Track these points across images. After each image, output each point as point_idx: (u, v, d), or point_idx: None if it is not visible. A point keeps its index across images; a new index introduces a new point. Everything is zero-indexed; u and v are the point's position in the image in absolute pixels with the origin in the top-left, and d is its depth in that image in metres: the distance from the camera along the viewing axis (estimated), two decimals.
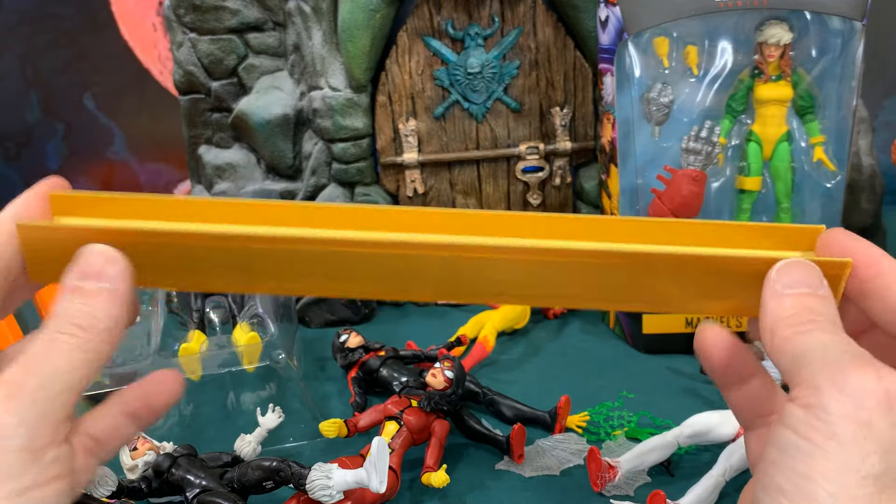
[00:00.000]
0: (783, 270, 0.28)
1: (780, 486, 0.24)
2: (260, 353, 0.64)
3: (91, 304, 0.27)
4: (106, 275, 0.28)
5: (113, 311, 0.27)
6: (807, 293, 0.28)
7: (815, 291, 0.28)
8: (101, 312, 0.27)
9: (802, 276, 0.28)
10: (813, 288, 0.28)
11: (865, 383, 0.24)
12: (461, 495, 0.56)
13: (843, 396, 0.24)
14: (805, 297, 0.28)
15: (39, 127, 1.26)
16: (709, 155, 0.71)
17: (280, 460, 0.51)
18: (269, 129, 0.89)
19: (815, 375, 0.25)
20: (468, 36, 0.84)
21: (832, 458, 0.24)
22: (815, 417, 0.24)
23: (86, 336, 0.27)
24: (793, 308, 0.27)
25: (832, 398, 0.24)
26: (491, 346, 0.75)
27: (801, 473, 0.24)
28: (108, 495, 0.51)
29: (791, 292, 0.28)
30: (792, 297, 0.28)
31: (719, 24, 0.69)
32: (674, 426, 0.58)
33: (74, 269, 0.28)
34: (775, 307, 0.28)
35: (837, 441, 0.24)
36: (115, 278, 0.28)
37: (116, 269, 0.28)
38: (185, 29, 0.89)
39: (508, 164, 0.88)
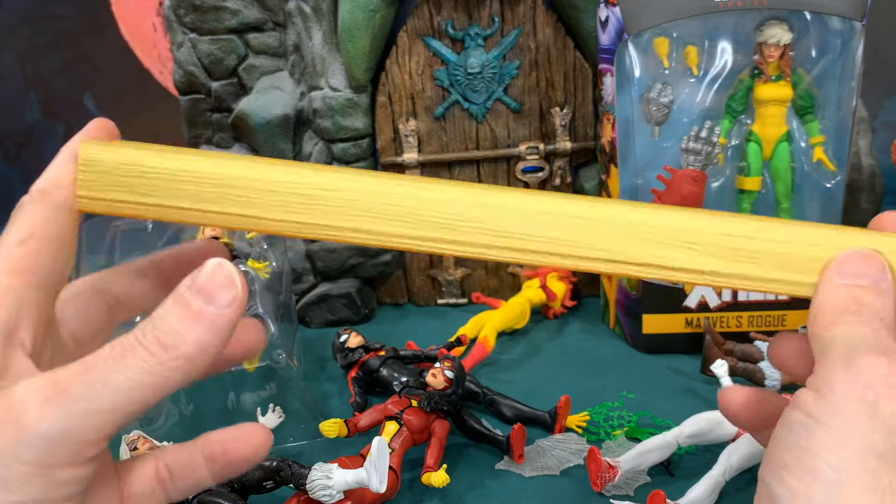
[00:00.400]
0: (844, 260, 0.28)
1: (784, 462, 0.25)
2: (260, 353, 0.64)
3: (187, 324, 0.24)
4: (218, 298, 0.25)
5: (206, 340, 0.24)
6: (862, 286, 0.27)
7: (873, 284, 0.27)
8: (193, 337, 0.24)
9: (862, 268, 0.27)
10: (872, 280, 0.27)
11: (875, 369, 0.24)
12: (461, 495, 0.56)
13: (850, 377, 0.24)
14: (858, 290, 0.27)
15: (39, 127, 1.26)
16: (709, 155, 0.71)
17: (280, 460, 0.52)
18: (270, 130, 0.89)
19: (832, 363, 0.25)
20: (468, 36, 0.84)
21: (835, 434, 0.24)
22: (822, 398, 0.25)
23: (162, 356, 0.24)
24: (842, 299, 0.27)
25: (840, 380, 0.25)
26: (491, 346, 0.75)
27: (804, 448, 0.24)
28: None
29: (845, 283, 0.27)
30: (845, 288, 0.27)
31: (719, 25, 0.70)
32: (674, 426, 0.58)
33: (191, 277, 0.25)
34: (825, 295, 0.27)
35: (841, 418, 0.24)
36: (226, 305, 0.25)
37: (232, 295, 0.25)
38: (186, 29, 0.89)
39: (508, 164, 0.88)
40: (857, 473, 0.23)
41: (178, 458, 0.29)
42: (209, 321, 0.24)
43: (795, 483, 0.24)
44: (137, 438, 0.54)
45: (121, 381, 0.23)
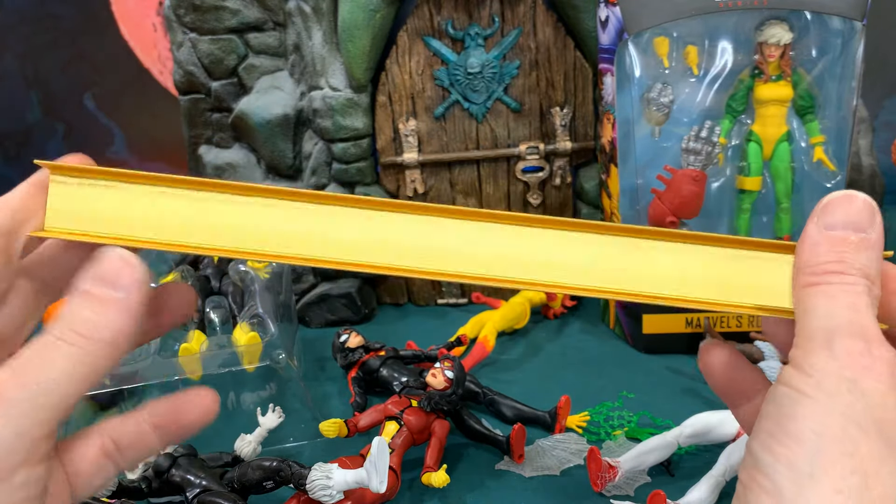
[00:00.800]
0: (830, 205, 0.26)
1: (769, 430, 0.26)
2: (260, 353, 0.64)
3: (99, 311, 0.25)
4: (120, 283, 0.26)
5: (120, 324, 0.25)
6: (847, 236, 0.26)
7: (860, 233, 0.26)
8: (105, 319, 0.25)
9: (849, 215, 0.26)
10: (859, 229, 0.26)
11: (852, 350, 0.25)
12: (461, 495, 0.56)
13: (829, 358, 0.25)
14: (843, 241, 0.26)
15: (39, 127, 1.26)
16: (709, 155, 0.71)
17: (280, 460, 0.51)
18: (269, 129, 0.89)
19: (810, 339, 0.26)
20: (468, 36, 0.84)
21: (818, 403, 0.25)
22: (805, 373, 0.25)
23: (86, 346, 0.25)
24: (825, 255, 0.26)
25: (820, 358, 0.25)
26: (491, 346, 0.75)
27: (788, 415, 0.25)
28: (109, 495, 0.51)
29: (830, 234, 0.26)
30: (828, 241, 0.26)
31: (719, 24, 0.69)
32: (674, 426, 0.58)
33: (89, 270, 0.26)
34: (807, 251, 0.27)
35: (823, 390, 0.25)
36: (130, 287, 0.26)
37: (132, 278, 0.26)
38: (186, 29, 0.89)
39: (508, 164, 0.88)
40: (838, 439, 0.24)
41: (124, 431, 0.29)
42: (119, 306, 0.25)
43: (779, 448, 0.25)
44: None
45: (53, 378, 0.24)
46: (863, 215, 0.26)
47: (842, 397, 0.25)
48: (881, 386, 0.25)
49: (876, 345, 0.25)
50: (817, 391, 0.25)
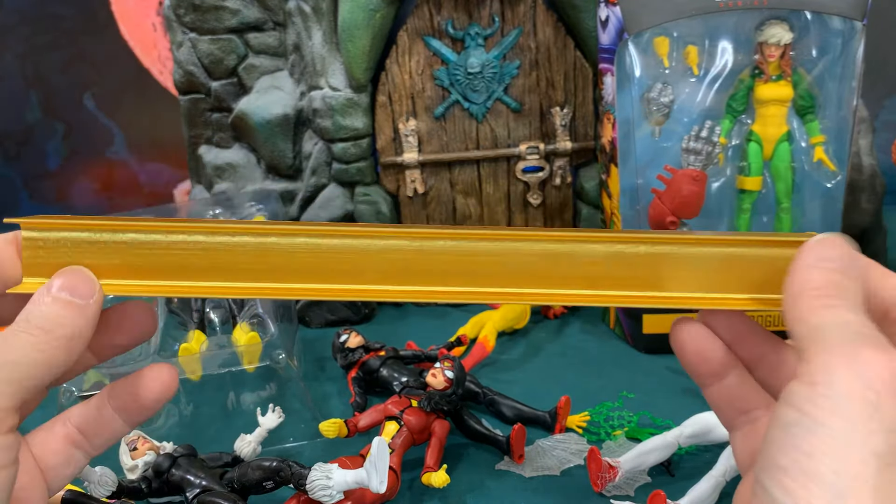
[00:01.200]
0: (821, 243, 0.28)
1: (782, 465, 0.24)
2: (260, 353, 0.64)
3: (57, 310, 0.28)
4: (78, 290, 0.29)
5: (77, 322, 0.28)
6: (838, 269, 0.27)
7: (847, 271, 0.27)
8: (64, 319, 0.28)
9: (838, 253, 0.28)
10: (845, 267, 0.28)
11: (876, 364, 0.24)
12: (461, 495, 0.56)
13: (851, 374, 0.24)
14: (835, 274, 0.27)
15: (39, 127, 1.26)
16: (709, 155, 0.71)
17: (280, 460, 0.51)
18: (269, 129, 0.89)
19: (828, 352, 0.25)
20: (468, 36, 0.84)
21: (836, 435, 0.23)
22: (820, 394, 0.24)
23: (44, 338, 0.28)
24: (822, 281, 0.27)
25: (840, 375, 0.24)
26: (491, 346, 0.75)
27: (804, 451, 0.23)
28: (108, 495, 0.51)
29: (823, 265, 0.28)
30: (822, 271, 0.27)
31: (719, 24, 0.69)
32: (674, 426, 0.58)
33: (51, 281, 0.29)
34: (804, 276, 0.28)
35: (842, 417, 0.23)
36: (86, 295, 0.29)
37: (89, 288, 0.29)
38: (185, 29, 0.89)
39: (508, 164, 0.88)
40: (861, 477, 0.23)
41: (87, 418, 0.31)
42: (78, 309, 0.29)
43: (796, 488, 0.23)
44: (137, 438, 0.54)
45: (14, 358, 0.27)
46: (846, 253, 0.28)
47: (862, 426, 0.23)
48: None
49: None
50: (835, 419, 0.23)
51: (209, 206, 0.81)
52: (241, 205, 0.83)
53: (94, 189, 1.29)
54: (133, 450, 0.53)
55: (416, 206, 0.89)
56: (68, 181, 1.28)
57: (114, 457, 0.54)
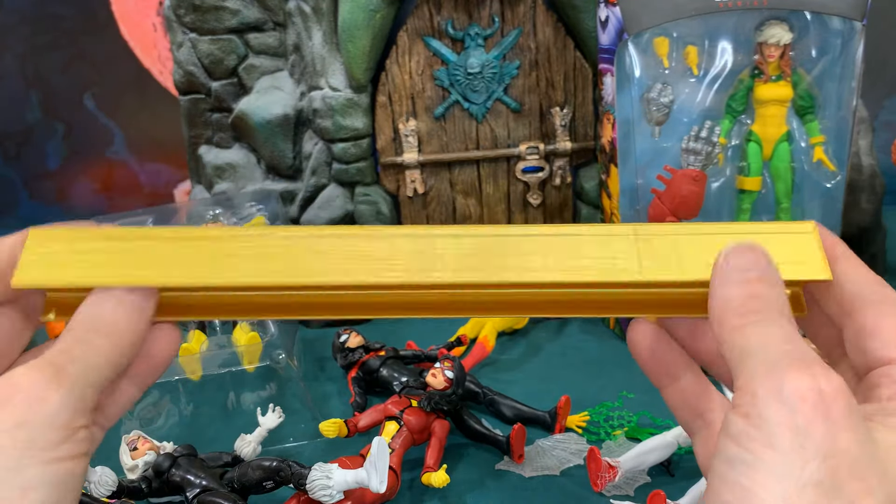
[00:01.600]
0: (730, 255, 0.28)
1: (726, 500, 0.24)
2: (260, 353, 0.64)
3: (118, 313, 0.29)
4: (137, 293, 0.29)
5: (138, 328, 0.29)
6: (754, 278, 0.27)
7: (763, 276, 0.27)
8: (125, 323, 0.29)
9: (750, 260, 0.27)
10: (761, 271, 0.27)
11: (800, 387, 0.24)
12: (461, 495, 0.56)
13: (778, 403, 0.24)
14: (752, 284, 0.27)
15: (39, 127, 1.26)
16: (709, 155, 0.71)
17: (280, 460, 0.52)
18: (269, 129, 0.89)
19: (753, 379, 0.25)
20: (468, 36, 0.84)
21: (772, 469, 0.23)
22: (754, 427, 0.24)
23: (111, 342, 0.29)
24: (740, 296, 0.27)
25: (768, 405, 0.24)
26: (491, 346, 0.75)
27: (744, 486, 0.24)
28: (108, 495, 0.51)
29: (738, 277, 0.27)
30: (739, 284, 0.27)
31: (719, 24, 0.69)
32: (674, 426, 0.58)
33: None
34: (722, 295, 0.27)
35: (776, 450, 0.23)
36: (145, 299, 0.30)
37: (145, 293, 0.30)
38: (185, 29, 0.89)
39: (508, 164, 0.88)
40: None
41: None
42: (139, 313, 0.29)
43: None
44: (137, 438, 0.54)
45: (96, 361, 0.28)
46: (760, 259, 0.27)
47: (795, 457, 0.23)
48: (834, 428, 0.23)
49: (822, 376, 0.24)
50: (770, 452, 0.23)
51: (209, 206, 0.81)
52: (241, 205, 0.83)
53: (94, 189, 1.29)
54: (133, 450, 0.53)
55: (416, 207, 0.89)
56: (68, 181, 1.28)
57: (114, 457, 0.54)
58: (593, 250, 0.30)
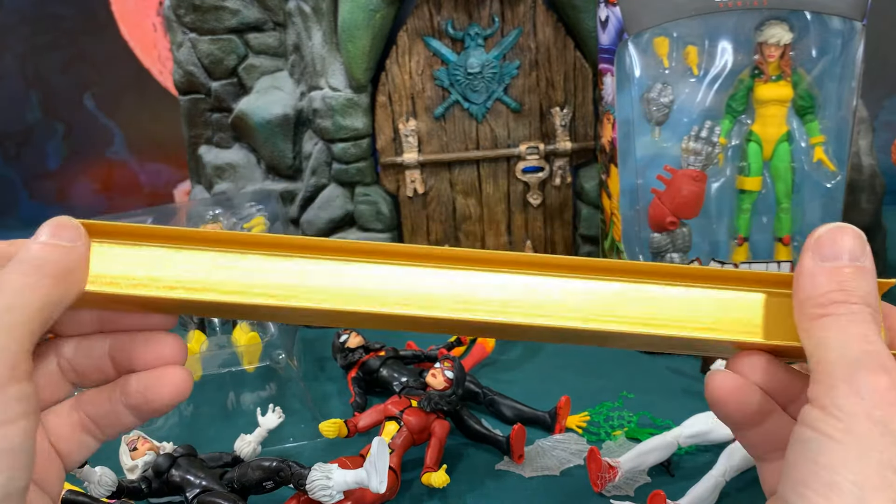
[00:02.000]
0: (822, 240, 0.27)
1: (804, 479, 0.25)
2: (260, 353, 0.64)
3: (45, 251, 0.29)
4: (64, 235, 0.29)
5: (63, 261, 0.29)
6: (844, 265, 0.27)
7: (855, 262, 0.27)
8: (53, 258, 0.28)
9: (843, 246, 0.27)
10: (854, 258, 0.27)
11: (878, 385, 0.24)
12: (461, 495, 0.56)
13: (856, 397, 0.24)
14: (840, 271, 0.27)
15: (39, 127, 1.26)
16: (709, 155, 0.71)
17: (280, 460, 0.51)
18: (269, 129, 0.89)
19: (831, 375, 0.25)
20: (468, 36, 0.84)
21: (851, 450, 0.24)
22: (831, 416, 0.24)
23: (35, 275, 0.28)
24: (826, 286, 0.26)
25: (846, 399, 0.24)
26: (491, 346, 0.75)
27: (822, 464, 0.24)
28: (108, 495, 0.51)
29: (827, 266, 0.27)
30: (827, 273, 0.27)
31: (719, 24, 0.69)
32: (674, 426, 0.58)
33: (38, 231, 0.30)
34: (808, 284, 0.27)
35: (854, 434, 0.24)
36: (74, 238, 0.30)
37: (73, 233, 0.30)
38: (185, 29, 0.89)
39: (508, 164, 0.88)
40: (879, 488, 0.23)
41: (100, 410, 0.31)
42: (63, 250, 0.29)
43: (817, 498, 0.24)
44: (137, 438, 0.54)
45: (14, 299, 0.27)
46: (855, 245, 0.27)
47: (875, 441, 0.24)
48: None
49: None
50: (848, 436, 0.24)
51: (209, 206, 0.81)
52: (241, 205, 0.83)
53: (94, 189, 1.29)
54: (133, 450, 0.53)
55: (416, 207, 0.89)
56: (68, 181, 1.28)
57: (114, 457, 0.54)
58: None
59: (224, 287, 0.30)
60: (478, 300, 0.30)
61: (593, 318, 0.30)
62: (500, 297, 0.30)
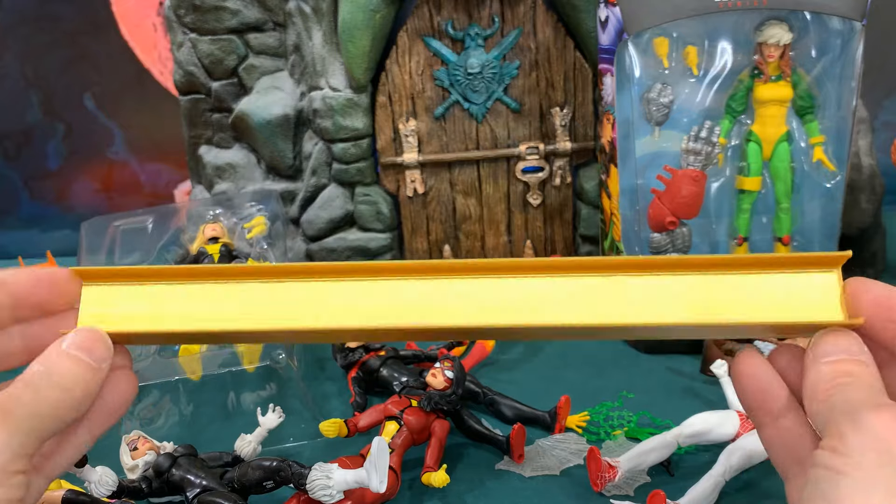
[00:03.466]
0: (821, 342, 0.30)
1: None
2: (260, 353, 0.64)
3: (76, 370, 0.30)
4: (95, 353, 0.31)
5: (91, 384, 0.30)
6: (844, 359, 0.29)
7: (853, 357, 0.29)
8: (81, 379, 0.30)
9: (840, 345, 0.30)
10: (852, 354, 0.29)
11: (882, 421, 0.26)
12: (461, 495, 0.56)
13: (861, 433, 0.26)
14: (843, 363, 0.29)
15: (39, 127, 1.26)
16: (709, 155, 0.71)
17: (280, 460, 0.52)
18: (269, 130, 0.89)
19: (838, 425, 0.27)
20: (468, 36, 0.84)
21: (859, 481, 0.25)
22: (839, 453, 0.26)
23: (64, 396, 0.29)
24: (831, 373, 0.29)
25: (854, 437, 0.26)
26: (491, 346, 0.75)
27: (832, 499, 0.26)
28: (109, 495, 0.51)
29: (830, 360, 0.29)
30: (830, 365, 0.29)
31: (719, 24, 0.70)
32: (674, 426, 0.58)
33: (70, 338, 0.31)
34: (814, 374, 0.30)
35: (861, 468, 0.26)
36: (102, 359, 0.31)
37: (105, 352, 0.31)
38: (186, 29, 0.89)
39: (508, 164, 0.88)
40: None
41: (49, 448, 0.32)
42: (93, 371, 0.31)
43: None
44: (137, 438, 0.54)
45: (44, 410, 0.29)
46: (851, 343, 0.30)
47: (881, 472, 0.25)
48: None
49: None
50: (857, 470, 0.25)
51: (209, 206, 0.81)
52: (241, 205, 0.83)
53: (94, 189, 1.29)
54: (133, 450, 0.53)
55: (416, 207, 0.89)
56: (68, 181, 1.28)
57: (114, 456, 0.54)
58: None
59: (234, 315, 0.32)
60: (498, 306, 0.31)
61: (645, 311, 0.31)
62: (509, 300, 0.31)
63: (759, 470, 0.56)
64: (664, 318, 0.30)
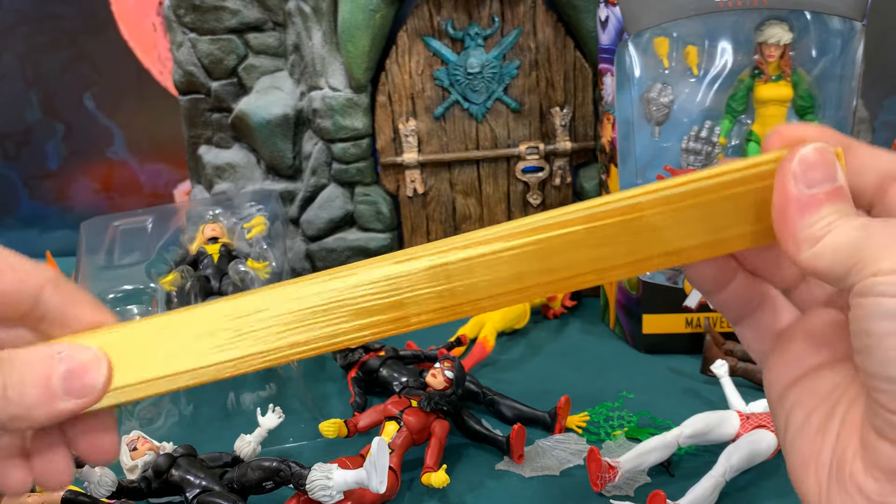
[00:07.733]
0: (802, 167, 0.26)
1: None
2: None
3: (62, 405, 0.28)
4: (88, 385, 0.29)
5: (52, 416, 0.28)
6: (830, 189, 0.26)
7: (835, 183, 0.26)
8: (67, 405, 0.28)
9: (823, 172, 0.26)
10: (834, 181, 0.26)
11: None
12: (461, 495, 0.56)
13: None
14: (828, 196, 0.26)
15: (39, 127, 1.26)
16: (709, 155, 0.71)
17: (280, 460, 0.51)
18: (269, 129, 0.89)
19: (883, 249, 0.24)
20: (468, 36, 0.84)
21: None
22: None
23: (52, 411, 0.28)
24: (818, 213, 0.26)
25: None
26: (491, 346, 0.75)
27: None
28: (108, 495, 0.51)
29: (813, 192, 0.26)
30: (813, 199, 0.26)
31: (719, 24, 0.70)
32: (674, 426, 0.58)
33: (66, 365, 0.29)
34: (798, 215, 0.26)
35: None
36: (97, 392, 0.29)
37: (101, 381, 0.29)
38: (185, 29, 0.89)
39: (508, 164, 0.88)
40: None
41: None
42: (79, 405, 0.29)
43: None
44: (137, 439, 0.54)
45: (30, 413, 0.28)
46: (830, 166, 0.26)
47: None
48: None
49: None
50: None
51: (209, 206, 0.81)
52: (241, 205, 0.83)
53: (94, 189, 1.29)
54: (133, 450, 0.53)
55: (416, 206, 0.89)
56: (68, 181, 1.28)
57: None
58: None
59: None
60: None
61: None
62: None
63: (759, 470, 0.56)
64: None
